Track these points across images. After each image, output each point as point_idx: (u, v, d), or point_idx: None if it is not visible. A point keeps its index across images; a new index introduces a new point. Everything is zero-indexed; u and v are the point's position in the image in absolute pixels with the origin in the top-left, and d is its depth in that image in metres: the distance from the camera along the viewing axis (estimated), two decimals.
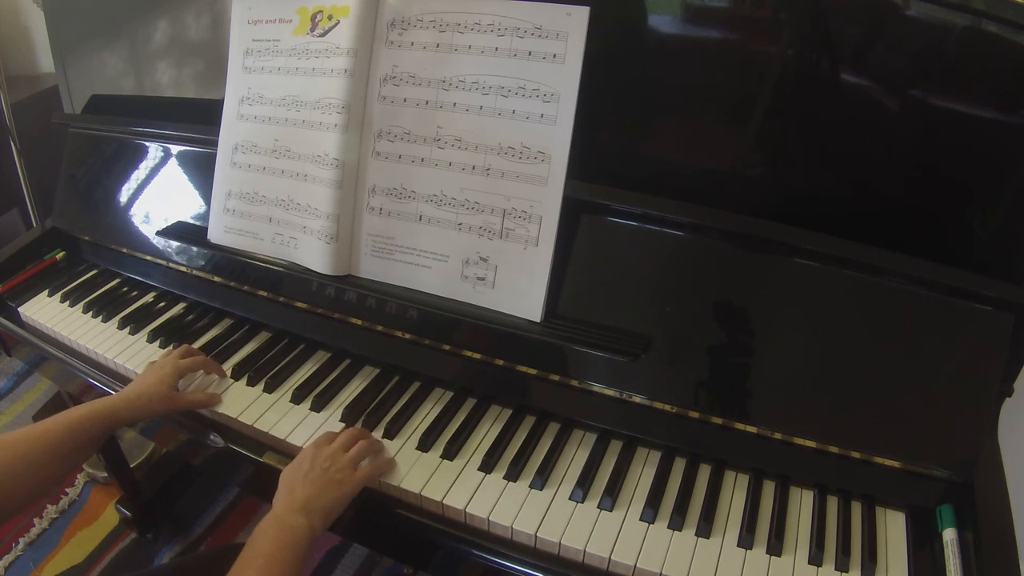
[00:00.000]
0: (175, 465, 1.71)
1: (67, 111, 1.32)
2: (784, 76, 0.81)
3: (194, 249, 1.09)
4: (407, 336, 0.95)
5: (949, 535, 0.74)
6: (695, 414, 0.83)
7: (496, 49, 0.86)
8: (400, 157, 0.92)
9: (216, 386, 0.97)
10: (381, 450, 0.86)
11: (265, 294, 1.04)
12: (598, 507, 0.79)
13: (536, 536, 0.76)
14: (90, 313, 1.13)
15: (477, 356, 0.92)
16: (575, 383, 0.87)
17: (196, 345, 1.05)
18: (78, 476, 1.75)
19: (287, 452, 0.88)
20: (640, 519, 0.78)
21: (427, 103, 0.90)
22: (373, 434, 0.88)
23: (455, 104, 0.88)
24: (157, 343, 1.06)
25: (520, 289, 0.88)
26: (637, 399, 0.85)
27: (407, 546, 0.89)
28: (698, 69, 0.84)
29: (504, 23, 0.85)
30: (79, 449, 0.81)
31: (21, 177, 1.72)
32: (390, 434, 0.89)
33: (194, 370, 0.96)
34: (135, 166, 1.18)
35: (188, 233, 1.10)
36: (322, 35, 0.94)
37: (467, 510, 0.79)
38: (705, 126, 0.88)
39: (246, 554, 0.69)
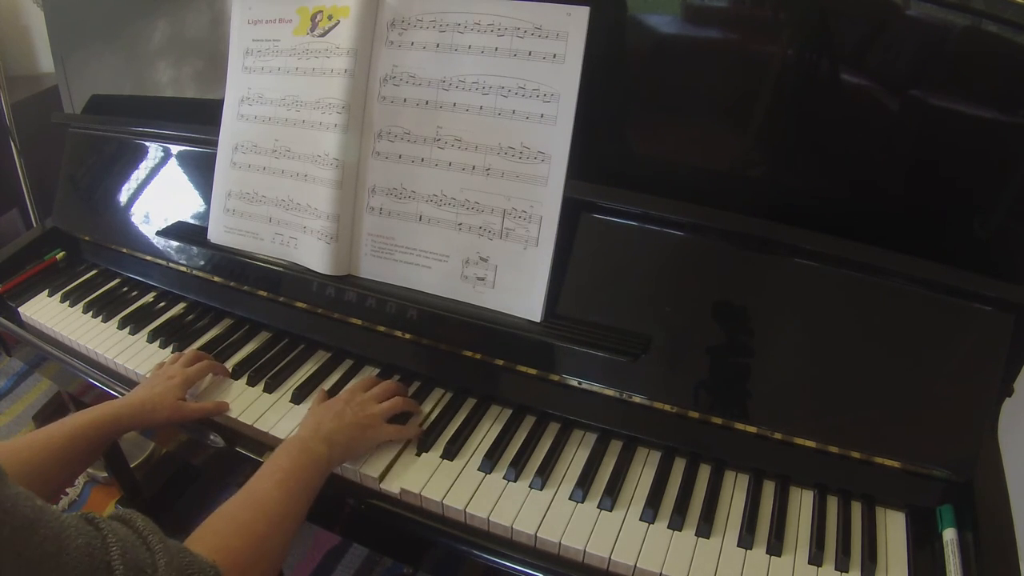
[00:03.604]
0: (175, 465, 1.71)
1: (67, 111, 1.32)
2: (784, 76, 0.81)
3: (194, 249, 1.09)
4: (407, 336, 0.95)
5: (949, 535, 0.74)
6: (695, 414, 0.83)
7: (496, 49, 0.86)
8: (400, 157, 0.92)
9: (219, 387, 0.97)
10: (419, 412, 0.90)
11: (265, 294, 1.04)
12: (598, 507, 0.79)
13: (536, 536, 0.76)
14: (90, 313, 1.13)
15: (477, 356, 0.92)
16: (575, 383, 0.87)
17: (196, 345, 1.05)
18: (78, 476, 1.75)
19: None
20: (640, 519, 0.78)
21: (427, 103, 0.90)
22: None
23: (455, 104, 0.88)
24: (157, 343, 1.06)
25: (520, 289, 0.88)
26: (637, 399, 0.85)
27: (407, 546, 0.89)
28: (698, 69, 0.84)
29: (504, 23, 0.85)
30: (82, 456, 0.81)
31: (21, 177, 1.73)
32: None
33: (202, 377, 0.96)
34: (135, 166, 1.18)
35: (188, 233, 1.10)
36: (322, 35, 0.94)
37: (467, 510, 0.79)
38: (705, 126, 0.88)
39: (266, 467, 0.73)
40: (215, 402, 0.93)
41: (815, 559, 0.74)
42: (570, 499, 0.80)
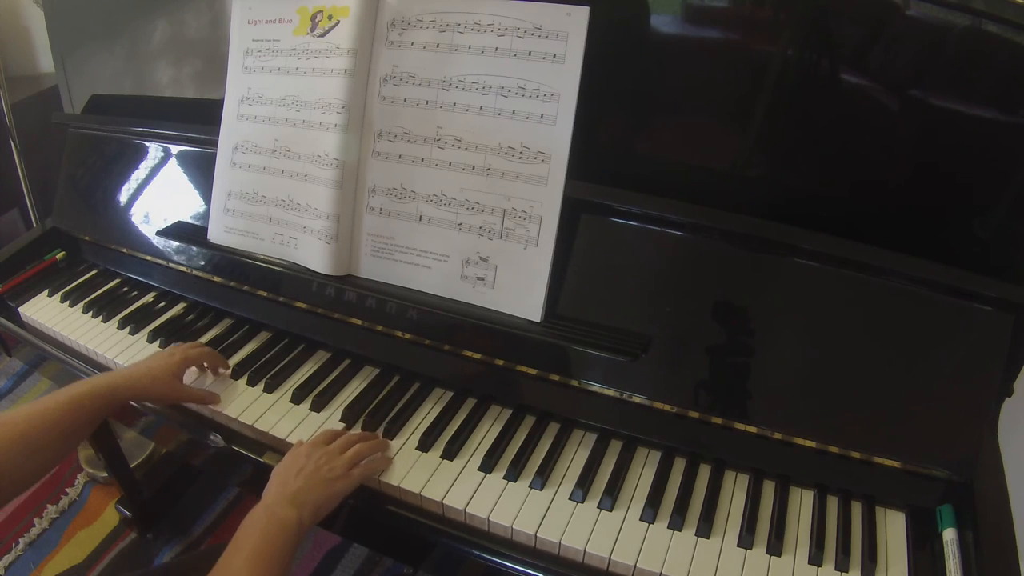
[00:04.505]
0: (175, 465, 1.71)
1: (67, 111, 1.32)
2: (784, 76, 0.81)
3: (194, 249, 1.09)
4: (407, 336, 0.95)
5: (949, 535, 0.74)
6: (695, 414, 0.83)
7: (496, 49, 0.86)
8: (400, 157, 0.92)
9: (219, 387, 0.97)
10: (385, 448, 0.86)
11: (265, 294, 1.04)
12: (598, 507, 0.79)
13: (536, 536, 0.76)
14: (90, 313, 1.13)
15: (477, 356, 0.92)
16: (575, 383, 0.87)
17: None
18: (78, 476, 1.75)
19: (287, 452, 0.88)
20: (640, 519, 0.78)
21: (427, 103, 0.90)
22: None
23: (455, 104, 0.88)
24: (157, 343, 1.06)
25: (520, 289, 0.88)
26: (637, 399, 0.85)
27: (407, 546, 0.89)
28: (698, 69, 0.85)
29: (504, 23, 0.85)
30: (79, 427, 0.81)
31: (21, 177, 1.73)
32: (390, 434, 0.89)
33: (201, 361, 0.96)
34: (135, 166, 1.18)
35: (188, 233, 1.10)
36: (322, 35, 0.94)
37: (467, 510, 0.79)
38: (705, 126, 0.88)
39: (234, 544, 0.69)
40: (207, 391, 0.94)
41: (815, 559, 0.74)
42: (570, 499, 0.80)
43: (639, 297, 0.85)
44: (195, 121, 1.10)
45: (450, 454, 0.85)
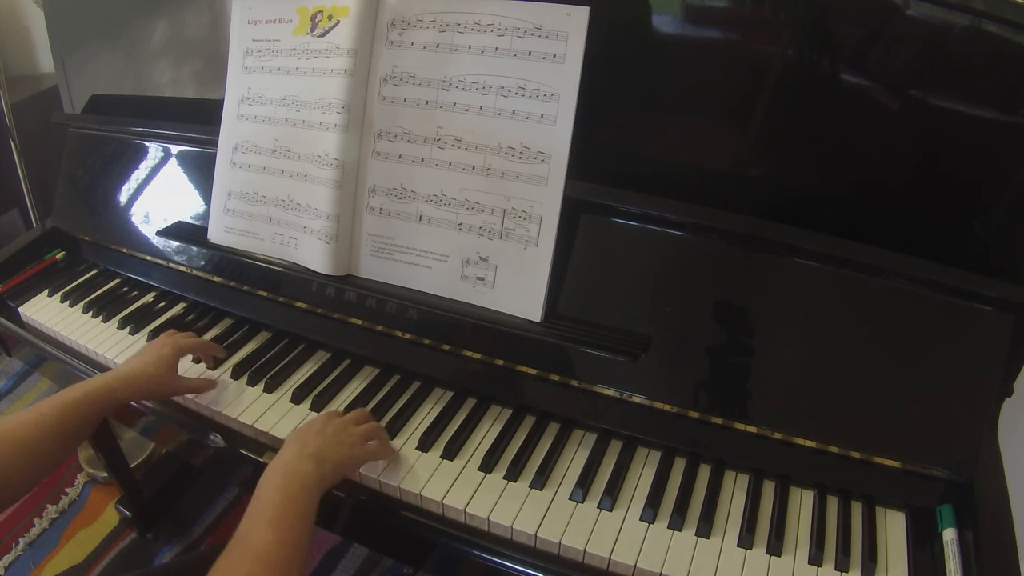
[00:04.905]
0: (175, 465, 1.71)
1: (67, 111, 1.32)
2: (784, 76, 0.81)
3: (194, 249, 1.09)
4: (407, 336, 0.95)
5: (949, 535, 0.74)
6: (695, 414, 0.83)
7: (496, 49, 0.86)
8: (400, 157, 0.92)
9: (218, 386, 0.97)
10: (387, 439, 0.87)
11: (265, 294, 1.04)
12: (598, 507, 0.79)
13: (536, 536, 0.76)
14: (90, 313, 1.13)
15: (477, 356, 0.92)
16: (575, 383, 0.87)
17: None
18: (78, 476, 1.75)
19: None
20: (640, 519, 0.78)
21: (427, 103, 0.90)
22: None
23: (455, 104, 0.88)
24: None
25: (520, 289, 0.88)
26: (637, 399, 0.85)
27: (407, 546, 0.89)
28: (698, 69, 0.85)
29: (504, 23, 0.85)
30: (76, 431, 0.80)
31: (21, 177, 1.73)
32: (390, 434, 0.88)
33: (194, 350, 0.96)
34: (135, 166, 1.18)
35: (188, 233, 1.10)
36: (322, 35, 0.94)
37: (467, 510, 0.79)
38: (705, 126, 0.88)
39: (253, 508, 0.66)
40: (204, 379, 0.94)
41: (815, 559, 0.74)
42: (570, 499, 0.80)
43: (639, 297, 0.85)
44: (195, 121, 1.10)
45: (450, 454, 0.85)
